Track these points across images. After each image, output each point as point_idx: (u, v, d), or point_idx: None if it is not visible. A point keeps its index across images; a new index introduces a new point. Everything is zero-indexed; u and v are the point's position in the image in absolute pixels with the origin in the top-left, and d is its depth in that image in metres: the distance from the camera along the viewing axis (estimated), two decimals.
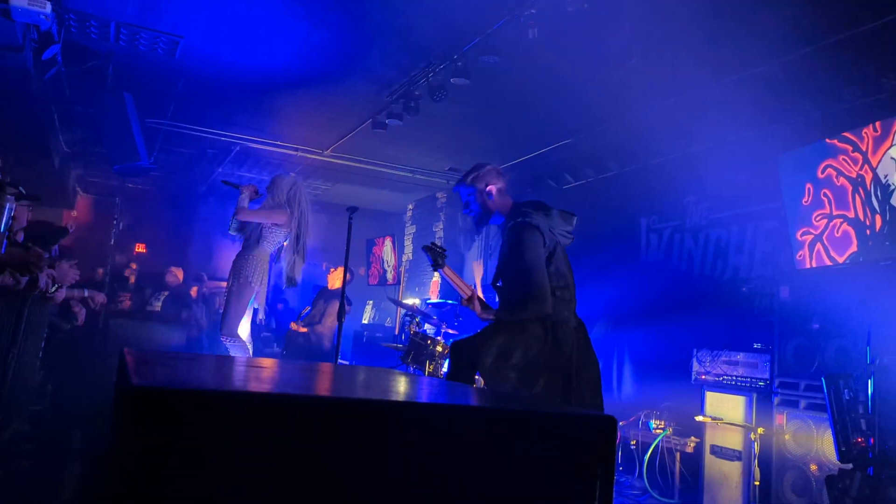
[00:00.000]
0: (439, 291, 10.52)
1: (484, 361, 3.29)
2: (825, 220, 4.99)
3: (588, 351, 3.41)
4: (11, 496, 3.14)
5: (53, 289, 4.23)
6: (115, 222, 8.76)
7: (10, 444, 4.02)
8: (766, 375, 4.80)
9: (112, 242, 8.69)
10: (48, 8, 4.73)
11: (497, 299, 3.61)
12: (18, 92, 6.58)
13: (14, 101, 6.84)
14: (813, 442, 4.36)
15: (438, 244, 3.74)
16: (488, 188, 3.65)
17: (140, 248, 12.36)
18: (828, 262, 4.91)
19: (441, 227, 10.90)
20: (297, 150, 9.14)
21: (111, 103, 6.83)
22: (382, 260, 11.85)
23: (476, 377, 3.43)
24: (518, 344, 3.29)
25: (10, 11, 4.70)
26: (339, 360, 5.70)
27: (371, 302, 12.45)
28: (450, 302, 8.02)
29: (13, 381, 4.06)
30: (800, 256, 5.13)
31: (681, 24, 4.87)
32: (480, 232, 3.74)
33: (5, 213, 2.41)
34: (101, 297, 6.08)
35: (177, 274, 10.19)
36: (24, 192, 2.93)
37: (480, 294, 3.59)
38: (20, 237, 4.17)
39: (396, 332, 10.02)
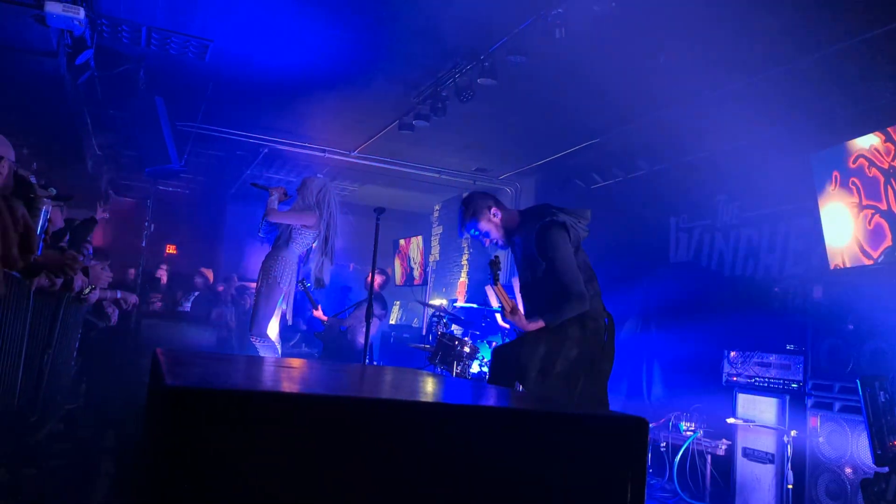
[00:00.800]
0: (466, 293, 10.52)
1: (528, 375, 3.33)
2: (856, 210, 4.90)
3: (612, 343, 3.45)
4: (46, 494, 3.20)
5: (87, 290, 4.31)
6: (146, 224, 8.88)
7: (45, 442, 4.10)
8: (800, 377, 4.72)
9: (143, 244, 8.81)
10: (81, 13, 4.82)
11: (524, 306, 3.61)
12: (53, 97, 6.71)
13: (49, 106, 6.98)
14: (847, 445, 4.29)
15: (498, 261, 3.70)
16: (492, 211, 3.63)
17: (171, 250, 12.52)
18: (863, 260, 4.81)
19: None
20: (324, 151, 9.20)
21: (143, 107, 6.94)
22: (409, 258, 11.87)
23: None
24: (559, 352, 3.34)
25: (45, 18, 4.80)
26: (368, 361, 5.72)
27: (398, 302, 12.48)
28: (475, 306, 8.01)
29: (48, 381, 4.14)
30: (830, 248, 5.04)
31: (710, 22, 4.82)
32: (505, 250, 3.75)
33: (42, 216, 2.46)
34: (133, 299, 6.18)
35: (207, 275, 10.32)
36: (54, 192, 2.99)
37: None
38: (67, 237, 4.23)
39: (424, 333, 10.03)
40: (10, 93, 6.60)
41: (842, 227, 4.99)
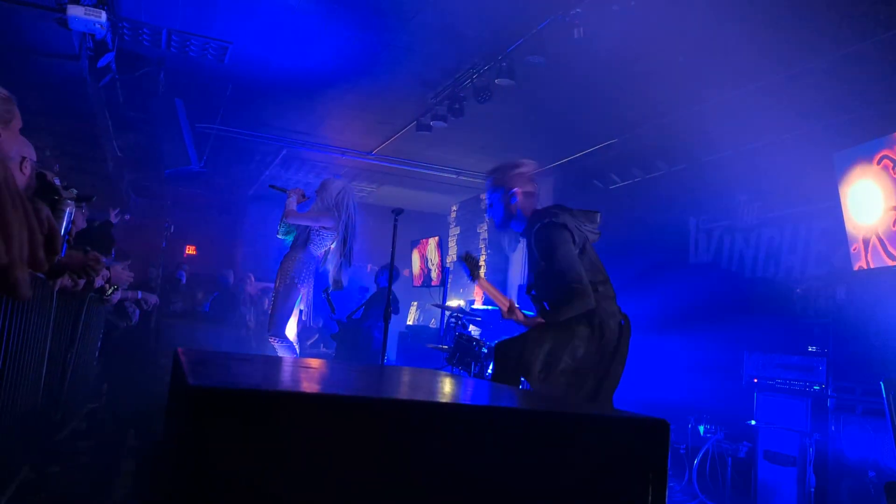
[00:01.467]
0: (483, 294, 10.50)
1: (532, 371, 3.28)
2: (881, 201, 4.84)
3: (625, 346, 3.38)
4: (70, 491, 3.24)
5: (110, 291, 4.36)
6: (166, 225, 8.96)
7: (68, 440, 4.15)
8: (822, 379, 4.67)
9: (164, 245, 8.90)
10: (103, 17, 4.88)
11: (535, 307, 3.59)
12: (75, 99, 6.80)
13: (71, 108, 7.08)
14: (871, 447, 4.23)
15: (473, 255, 3.68)
16: (513, 191, 3.57)
17: (190, 250, 12.63)
18: (886, 261, 4.75)
19: (485, 228, 10.89)
20: (342, 152, 9.24)
21: (163, 109, 7.01)
22: (427, 259, 11.87)
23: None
24: (565, 348, 3.27)
25: (67, 21, 4.86)
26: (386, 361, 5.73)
27: (415, 303, 12.49)
28: (490, 308, 8.00)
29: (71, 380, 4.20)
30: (854, 250, 4.99)
31: (730, 20, 4.78)
32: (502, 232, 3.70)
33: (65, 217, 2.50)
34: (153, 299, 6.26)
35: (227, 276, 10.40)
36: (75, 192, 3.03)
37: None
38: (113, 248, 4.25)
39: (441, 334, 10.03)
40: (33, 95, 6.69)
41: (865, 208, 4.92)
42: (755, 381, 5.13)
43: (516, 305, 3.46)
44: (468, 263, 3.60)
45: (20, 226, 0.75)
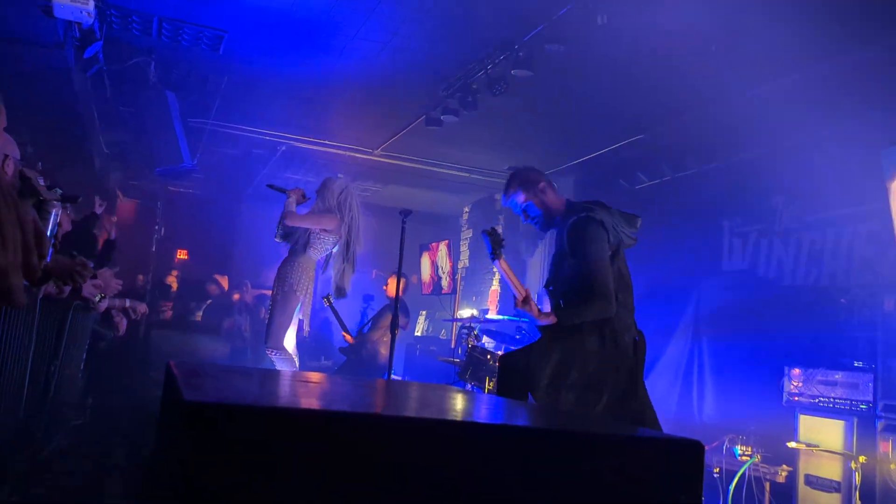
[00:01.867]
0: (498, 302, 10.49)
1: (538, 384, 3.28)
2: None
3: (642, 366, 3.39)
4: None
5: (97, 299, 4.39)
6: (156, 227, 9.02)
7: (51, 459, 4.17)
8: (869, 397, 4.64)
9: (153, 249, 8.95)
10: (91, 4, 4.90)
11: (550, 303, 3.59)
12: (59, 91, 6.84)
13: (55, 101, 7.12)
14: None
15: (499, 231, 3.71)
16: (541, 186, 3.63)
17: (182, 255, 12.68)
18: None
19: (500, 230, 10.86)
20: (345, 149, 9.26)
21: (153, 102, 7.05)
22: (437, 266, 11.88)
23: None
24: (574, 361, 3.28)
25: (51, 9, 4.88)
26: (392, 376, 5.73)
27: (424, 312, 12.48)
28: (506, 318, 8.00)
29: (54, 394, 4.22)
30: None
31: (768, 5, 4.76)
32: (545, 235, 3.71)
33: (51, 219, 2.52)
34: (142, 308, 6.29)
35: (221, 282, 10.43)
36: (59, 192, 3.06)
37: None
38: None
39: (452, 346, 10.03)
40: (14, 87, 6.74)
41: None
42: (796, 398, 5.10)
43: (532, 297, 3.47)
44: (491, 239, 3.62)
45: (14, 228, 0.76)
